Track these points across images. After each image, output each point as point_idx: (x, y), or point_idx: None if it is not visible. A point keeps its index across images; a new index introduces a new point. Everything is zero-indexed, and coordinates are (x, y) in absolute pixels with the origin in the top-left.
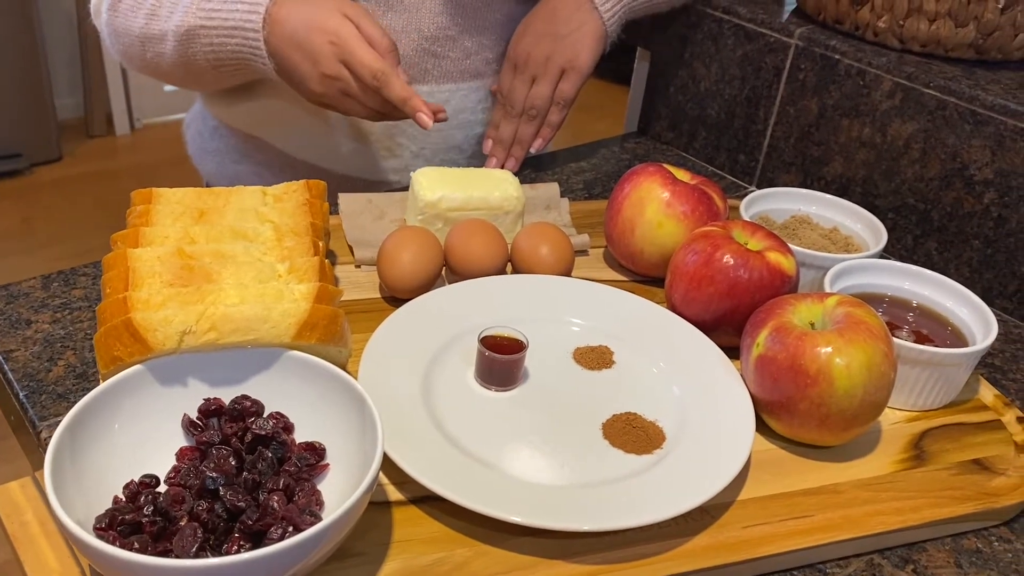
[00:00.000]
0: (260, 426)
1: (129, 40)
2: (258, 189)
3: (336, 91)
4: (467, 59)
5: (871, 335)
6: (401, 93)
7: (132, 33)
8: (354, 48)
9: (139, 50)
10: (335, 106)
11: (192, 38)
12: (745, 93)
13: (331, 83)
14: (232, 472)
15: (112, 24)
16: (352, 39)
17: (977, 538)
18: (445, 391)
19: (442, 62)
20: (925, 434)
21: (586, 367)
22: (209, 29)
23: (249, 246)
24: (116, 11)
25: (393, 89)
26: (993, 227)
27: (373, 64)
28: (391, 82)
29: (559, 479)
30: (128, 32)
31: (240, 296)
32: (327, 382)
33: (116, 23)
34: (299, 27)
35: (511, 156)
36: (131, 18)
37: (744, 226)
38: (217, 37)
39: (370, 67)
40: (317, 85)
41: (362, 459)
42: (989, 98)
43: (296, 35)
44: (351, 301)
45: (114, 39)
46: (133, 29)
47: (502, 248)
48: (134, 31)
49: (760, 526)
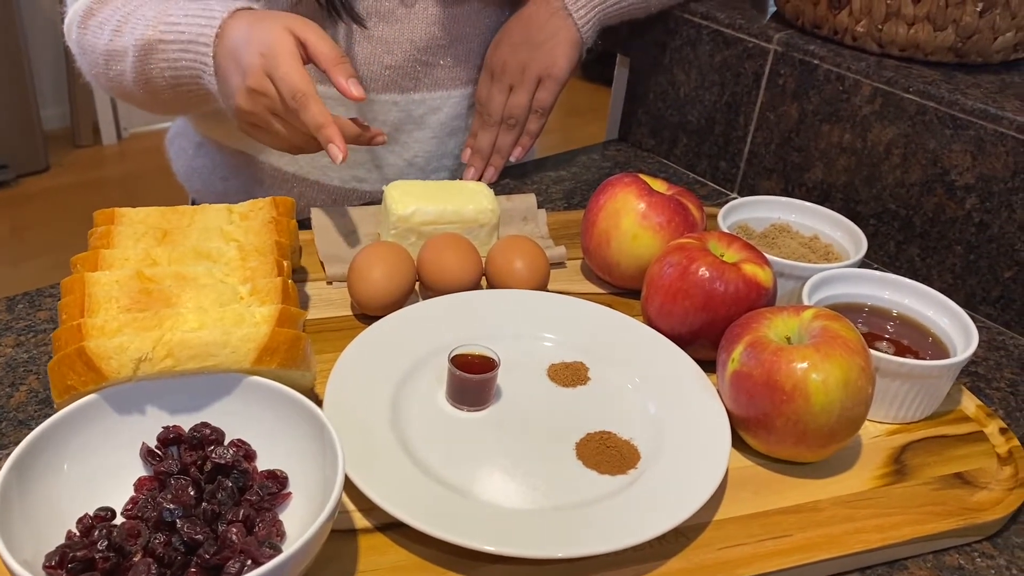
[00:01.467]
0: (220, 455)
1: (94, 57)
2: (224, 207)
3: (263, 109)
4: (458, 66)
5: (848, 349)
6: (316, 119)
7: (97, 50)
8: (280, 62)
9: (103, 68)
10: (261, 130)
11: (149, 52)
12: (725, 99)
13: (256, 99)
14: (191, 503)
15: (80, 42)
16: (283, 53)
17: (959, 554)
18: (415, 412)
19: (433, 70)
20: (906, 448)
21: (560, 384)
22: (167, 44)
23: (212, 267)
24: (85, 28)
25: (309, 112)
26: (975, 232)
27: (295, 82)
28: (308, 105)
29: (531, 503)
30: (94, 49)
31: (199, 321)
32: (288, 408)
33: (84, 41)
34: (240, 40)
35: (490, 165)
36: (98, 35)
37: (720, 237)
38: (173, 52)
39: (290, 85)
40: (244, 100)
41: (325, 487)
42: (969, 102)
43: (236, 49)
44: (322, 319)
45: (82, 58)
46: (98, 46)
47: (476, 263)
48: (99, 48)
49: (737, 547)
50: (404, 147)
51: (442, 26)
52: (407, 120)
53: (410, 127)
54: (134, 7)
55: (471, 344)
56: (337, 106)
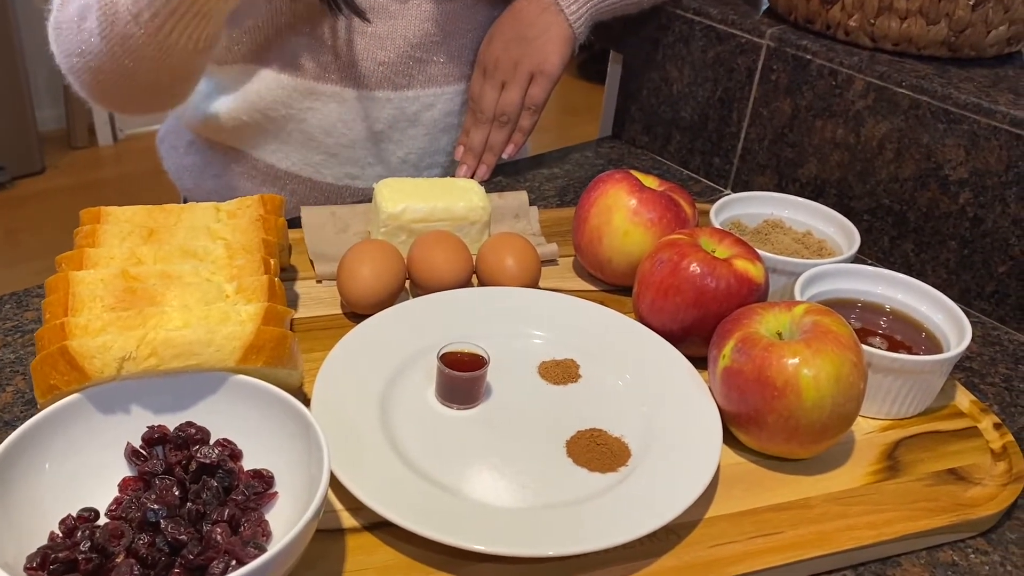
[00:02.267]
0: (205, 454)
1: (69, 26)
2: (211, 205)
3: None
4: (451, 63)
5: (839, 345)
6: None
7: (71, 15)
8: None
9: (75, 32)
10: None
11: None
12: (718, 95)
13: None
14: (175, 503)
15: (57, 21)
16: None
17: (953, 550)
18: (404, 411)
19: (427, 67)
20: (899, 443)
21: (551, 382)
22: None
23: (198, 266)
24: (62, 10)
25: None
26: (969, 227)
27: None
28: None
29: (521, 501)
30: (69, 19)
31: (184, 319)
32: (274, 406)
33: (60, 17)
34: None
35: (483, 163)
36: (70, 6)
37: (712, 233)
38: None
39: None
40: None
41: (311, 486)
42: (962, 96)
43: None
44: (312, 318)
45: (56, 33)
46: (70, 11)
47: (466, 260)
48: (71, 12)
49: (729, 544)
50: (397, 144)
51: (436, 22)
52: (401, 117)
53: (403, 124)
54: None
55: (461, 342)
56: (335, 104)
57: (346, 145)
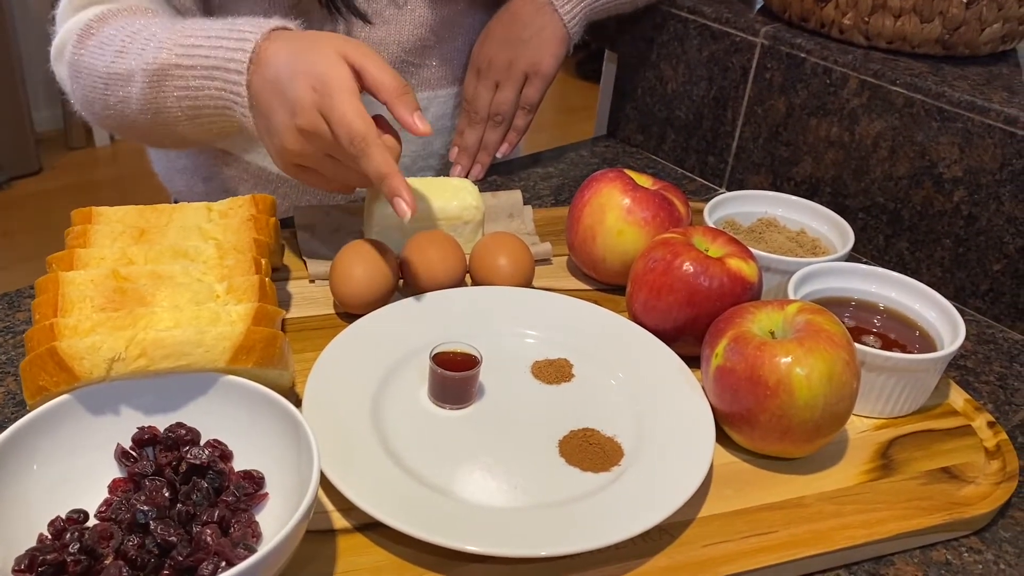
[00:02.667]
0: (195, 455)
1: (92, 81)
2: (203, 205)
3: (314, 151)
4: (445, 66)
5: (832, 343)
6: (380, 168)
7: (96, 72)
8: (337, 100)
9: (102, 93)
10: (309, 171)
11: (164, 78)
12: (713, 94)
13: (308, 140)
14: (165, 504)
15: (76, 63)
16: (339, 89)
17: (947, 549)
18: (396, 411)
19: (420, 71)
20: (893, 442)
21: (544, 381)
22: (185, 69)
23: (189, 266)
24: (83, 47)
25: (372, 160)
26: (963, 226)
27: (353, 124)
28: (370, 153)
29: (513, 501)
30: (92, 71)
31: (174, 319)
32: (264, 407)
33: (80, 62)
34: (284, 69)
35: (477, 163)
36: (98, 55)
37: (705, 232)
38: (194, 79)
39: (349, 128)
40: (293, 141)
41: (301, 487)
42: (956, 94)
43: (279, 79)
44: (304, 318)
45: (76, 81)
46: (98, 67)
47: (459, 260)
48: (99, 70)
49: (722, 544)
50: None
51: (430, 27)
52: (394, 121)
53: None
54: (142, 25)
55: (453, 341)
56: None
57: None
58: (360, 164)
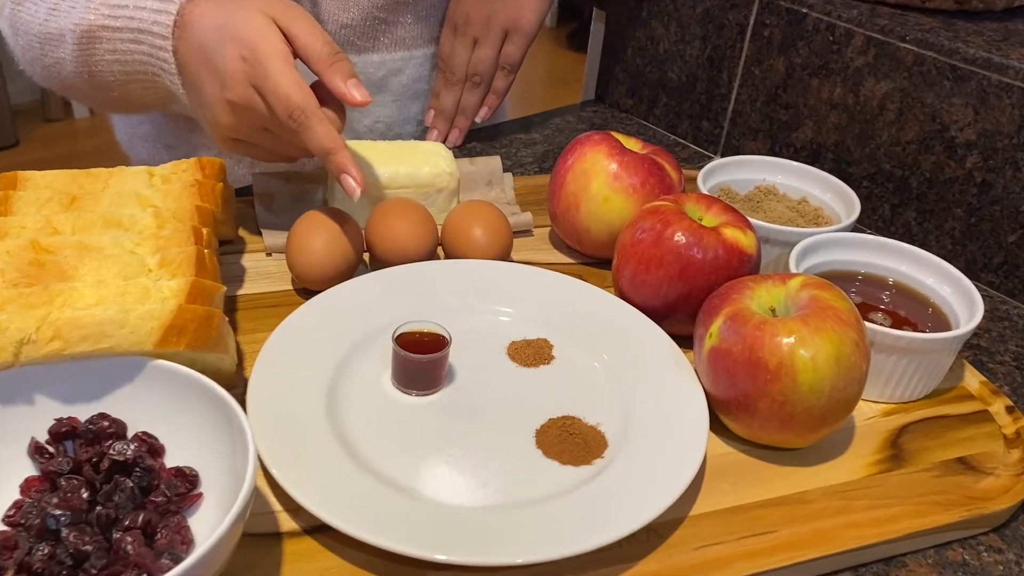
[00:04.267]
0: (120, 450)
1: (28, 40)
2: (144, 169)
3: (249, 124)
4: (420, 24)
5: (840, 322)
6: (324, 143)
7: (32, 31)
8: (270, 69)
9: (39, 53)
10: (246, 145)
11: (93, 41)
12: (707, 54)
13: (241, 115)
14: (82, 507)
15: (14, 21)
16: (271, 55)
17: (964, 548)
18: (356, 398)
19: (393, 28)
20: (904, 430)
21: (521, 364)
22: (113, 31)
23: (121, 236)
24: (20, 4)
25: (313, 135)
26: (977, 194)
27: (291, 96)
28: (311, 126)
29: (483, 500)
30: (28, 30)
31: (96, 296)
32: (198, 395)
33: (17, 18)
34: (210, 34)
35: (454, 127)
36: (33, 13)
37: (699, 199)
38: (122, 42)
39: (286, 100)
40: (225, 115)
41: (238, 485)
42: (971, 51)
43: (206, 46)
44: (259, 294)
45: (15, 39)
46: (33, 26)
47: (430, 231)
48: (34, 28)
49: (716, 546)
50: (363, 113)
51: None
52: (366, 83)
53: (369, 91)
54: None
55: (419, 320)
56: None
57: None
58: (301, 139)
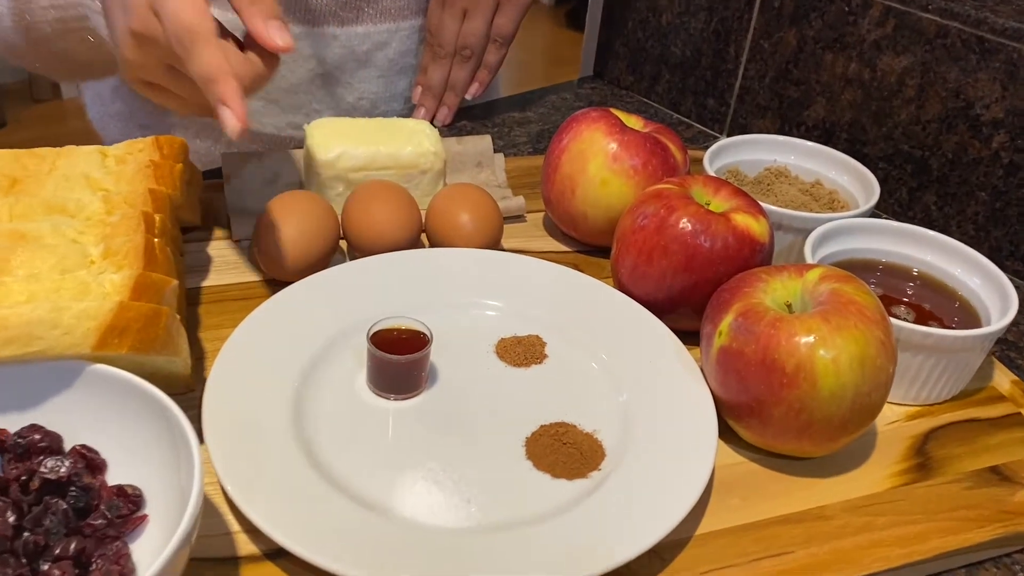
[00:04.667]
0: (52, 468)
1: None
2: (96, 149)
3: (153, 60)
4: None
5: (864, 319)
6: (207, 69)
7: None
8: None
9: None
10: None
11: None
12: (713, 26)
13: (143, 47)
14: (6, 534)
15: None
16: None
17: (997, 568)
18: (325, 403)
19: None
20: (930, 435)
21: (511, 363)
22: None
23: (63, 223)
24: None
25: (198, 59)
26: (1003, 176)
27: (181, 14)
28: (197, 50)
29: (466, 520)
30: None
31: (27, 292)
32: (141, 403)
33: None
34: None
35: (443, 105)
36: None
37: (706, 182)
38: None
39: (174, 20)
40: (129, 48)
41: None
42: (1000, 21)
43: None
44: (224, 286)
45: None
46: None
47: (412, 216)
48: None
49: (725, 570)
50: (347, 88)
51: None
52: (349, 58)
53: (353, 66)
54: None
55: (397, 316)
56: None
57: (287, 90)
58: (185, 64)
